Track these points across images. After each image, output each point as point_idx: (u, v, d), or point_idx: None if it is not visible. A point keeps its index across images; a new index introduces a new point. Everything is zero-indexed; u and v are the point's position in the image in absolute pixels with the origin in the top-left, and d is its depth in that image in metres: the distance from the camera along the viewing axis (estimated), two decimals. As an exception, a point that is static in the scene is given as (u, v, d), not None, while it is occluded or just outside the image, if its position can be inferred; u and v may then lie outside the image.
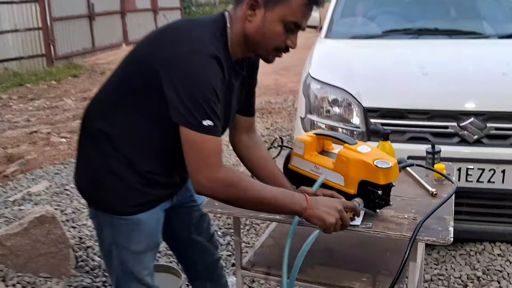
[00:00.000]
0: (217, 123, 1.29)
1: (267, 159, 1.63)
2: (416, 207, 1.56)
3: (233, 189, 1.31)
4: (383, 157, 1.45)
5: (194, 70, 1.27)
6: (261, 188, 1.34)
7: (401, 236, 1.39)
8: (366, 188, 1.45)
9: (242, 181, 1.32)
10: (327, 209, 1.33)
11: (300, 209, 1.33)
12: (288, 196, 1.35)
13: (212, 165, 1.29)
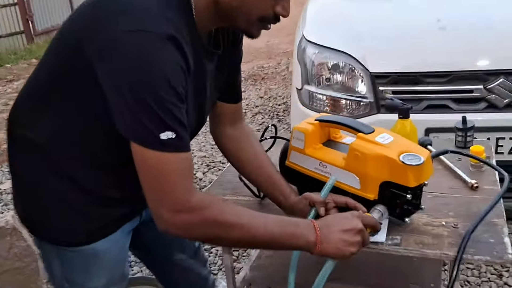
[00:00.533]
0: (182, 132, 0.91)
1: (257, 154, 1.26)
2: (454, 207, 1.20)
3: (212, 226, 0.94)
4: (411, 149, 1.08)
5: (140, 61, 0.87)
6: (252, 221, 0.97)
7: (442, 255, 1.04)
8: (390, 192, 1.09)
9: (224, 213, 0.95)
10: (344, 236, 0.97)
11: (307, 244, 0.97)
12: (288, 229, 0.98)
13: (178, 194, 0.92)
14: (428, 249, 1.05)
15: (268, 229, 0.96)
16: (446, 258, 1.04)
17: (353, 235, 0.97)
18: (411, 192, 1.07)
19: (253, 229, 0.95)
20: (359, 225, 0.98)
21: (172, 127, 0.89)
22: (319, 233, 0.96)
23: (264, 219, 0.97)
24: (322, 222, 0.99)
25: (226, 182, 1.43)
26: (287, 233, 0.96)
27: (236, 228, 0.95)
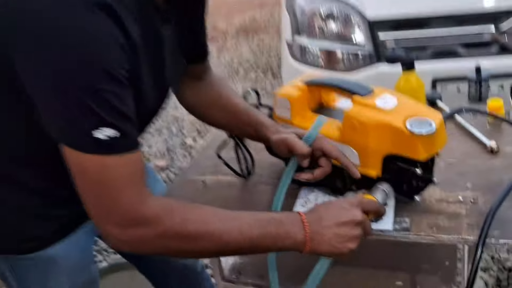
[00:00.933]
0: (127, 128, 0.71)
1: (230, 96, 1.07)
2: (472, 176, 1.01)
3: (173, 239, 0.75)
4: (419, 112, 0.88)
5: (64, 39, 0.66)
6: (223, 226, 0.77)
7: (461, 240, 0.86)
8: (396, 167, 0.90)
9: (187, 223, 0.75)
10: (340, 230, 0.78)
11: (295, 244, 0.79)
12: (270, 229, 0.77)
13: (127, 205, 0.73)
14: (444, 233, 0.87)
15: (245, 233, 0.77)
16: (465, 243, 0.86)
17: (351, 229, 0.79)
18: (421, 165, 0.88)
19: (226, 235, 0.76)
20: (358, 216, 0.79)
21: (112, 122, 0.69)
22: (308, 229, 0.78)
23: (238, 221, 0.78)
24: (313, 214, 0.81)
25: (206, 159, 1.24)
26: (269, 235, 0.78)
27: (205, 238, 0.76)
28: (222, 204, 1.06)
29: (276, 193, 0.93)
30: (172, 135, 3.12)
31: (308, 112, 1.02)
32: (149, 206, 0.74)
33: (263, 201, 1.05)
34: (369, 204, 0.83)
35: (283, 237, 0.78)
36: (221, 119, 1.07)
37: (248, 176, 1.14)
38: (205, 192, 1.11)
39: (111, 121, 0.69)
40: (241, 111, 1.04)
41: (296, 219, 0.79)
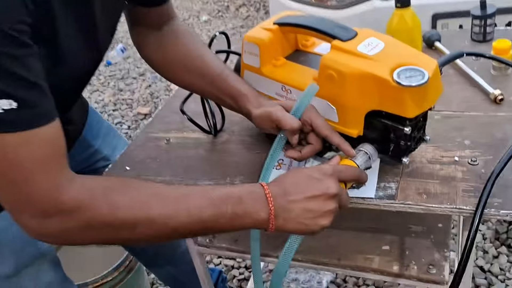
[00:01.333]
0: (32, 97, 0.58)
1: (201, 54, 0.89)
2: (471, 131, 0.88)
3: (102, 229, 0.63)
4: (410, 60, 0.73)
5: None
6: (166, 210, 0.64)
7: (455, 210, 0.74)
8: (380, 125, 0.76)
9: (118, 209, 0.63)
10: (310, 204, 0.66)
11: (257, 223, 0.67)
12: (225, 208, 0.65)
13: (41, 192, 0.60)
14: (435, 202, 0.75)
15: (194, 215, 0.64)
16: (460, 214, 0.74)
17: (323, 203, 0.66)
18: (410, 123, 0.74)
19: (171, 220, 0.63)
20: (331, 188, 0.66)
21: (7, 92, 0.55)
22: (273, 206, 0.65)
23: (185, 203, 0.65)
24: (278, 187, 0.67)
25: (172, 113, 1.11)
26: (224, 215, 0.65)
27: (143, 225, 0.63)
28: (187, 165, 0.93)
29: (261, 175, 0.79)
30: (156, 79, 2.95)
31: (280, 60, 0.87)
32: (67, 192, 0.61)
33: (234, 162, 0.92)
34: (346, 171, 0.70)
35: (241, 217, 0.65)
36: (192, 83, 0.91)
37: (217, 133, 1.00)
38: (169, 152, 0.98)
39: (7, 91, 0.55)
40: (216, 76, 0.86)
41: (258, 194, 0.66)
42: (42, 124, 0.59)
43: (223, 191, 0.67)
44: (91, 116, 1.10)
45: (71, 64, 0.69)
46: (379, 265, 0.98)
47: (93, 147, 1.10)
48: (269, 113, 0.78)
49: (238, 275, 1.74)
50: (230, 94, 0.84)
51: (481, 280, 1.52)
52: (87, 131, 1.08)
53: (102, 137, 1.13)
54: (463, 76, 1.04)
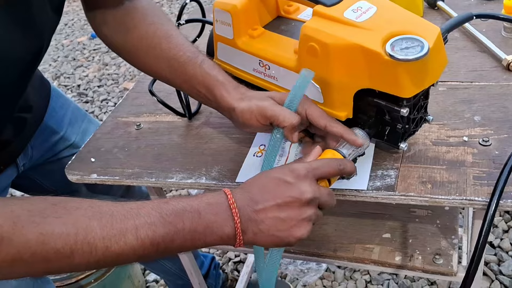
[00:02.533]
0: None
1: (168, 36, 0.76)
2: (481, 105, 0.76)
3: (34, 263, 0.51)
4: (406, 28, 0.60)
5: None
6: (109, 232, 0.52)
7: (465, 202, 0.63)
8: (372, 105, 0.65)
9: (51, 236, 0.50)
10: (282, 213, 0.55)
11: (222, 239, 0.56)
12: (181, 224, 0.54)
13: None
14: (442, 193, 0.63)
15: (144, 236, 0.53)
16: (471, 205, 0.63)
17: (297, 210, 0.55)
18: (407, 103, 0.62)
19: (117, 243, 0.52)
20: (306, 193, 0.55)
21: None
22: (238, 218, 0.54)
23: (132, 221, 0.53)
24: (243, 195, 0.56)
25: (144, 93, 0.99)
26: (180, 233, 0.54)
27: (81, 253, 0.51)
28: (159, 155, 0.82)
29: None
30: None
31: (258, 29, 0.74)
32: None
33: (210, 150, 0.81)
34: (323, 167, 0.58)
35: (202, 233, 0.54)
36: (158, 69, 0.77)
37: (192, 117, 0.89)
38: (139, 140, 0.87)
39: None
40: (188, 60, 0.72)
41: (220, 207, 0.55)
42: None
43: (179, 205, 0.55)
44: (53, 100, 0.98)
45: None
46: (380, 256, 0.88)
47: (58, 134, 0.98)
48: (263, 109, 0.64)
49: (234, 258, 1.66)
50: (204, 83, 0.70)
51: (490, 257, 1.43)
52: (50, 117, 0.96)
53: (69, 122, 1.01)
54: (470, 40, 0.91)
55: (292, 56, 0.67)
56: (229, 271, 1.60)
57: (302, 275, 1.51)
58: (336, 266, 1.52)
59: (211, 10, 0.79)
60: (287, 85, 0.69)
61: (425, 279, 1.43)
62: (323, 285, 1.48)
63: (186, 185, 0.77)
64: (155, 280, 1.65)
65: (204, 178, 0.76)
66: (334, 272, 1.50)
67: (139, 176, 0.80)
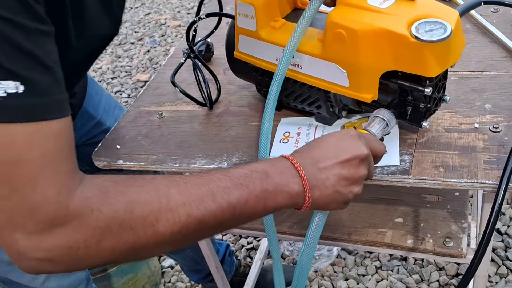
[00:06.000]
0: (42, 84, 0.48)
1: None
2: (492, 94, 0.79)
3: (118, 233, 0.50)
4: (428, 12, 0.64)
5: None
6: (189, 195, 0.53)
7: (476, 185, 0.67)
8: (397, 87, 0.69)
9: (136, 204, 0.51)
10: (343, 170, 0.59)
11: (292, 198, 0.58)
12: (254, 186, 0.56)
13: (47, 196, 0.48)
14: (454, 177, 0.67)
15: (219, 197, 0.54)
16: (482, 188, 0.67)
17: (356, 168, 0.60)
18: (431, 84, 0.66)
19: (196, 209, 0.53)
20: (363, 150, 0.60)
21: (12, 70, 0.45)
22: (304, 175, 0.58)
23: (207, 185, 0.54)
24: (303, 155, 0.60)
25: (164, 84, 1.03)
26: (252, 195, 0.56)
27: (165, 220, 0.52)
28: (181, 141, 0.86)
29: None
30: (155, 44, 2.85)
31: (279, 21, 0.78)
32: (79, 193, 0.50)
33: (230, 137, 0.85)
34: (370, 140, 0.63)
35: (273, 193, 0.57)
36: None
37: (212, 106, 0.92)
38: (161, 128, 0.91)
39: (9, 67, 0.45)
40: None
41: (284, 165, 0.58)
42: (53, 118, 0.49)
43: (245, 169, 0.57)
44: (90, 86, 1.04)
45: (92, 34, 0.63)
46: (392, 240, 0.92)
47: (95, 118, 1.04)
48: None
49: (247, 245, 1.71)
50: None
51: (497, 243, 1.46)
52: (88, 102, 1.02)
53: (103, 108, 1.07)
54: (481, 31, 0.94)
55: (316, 43, 0.71)
56: (242, 257, 1.65)
57: (313, 261, 1.55)
58: (347, 252, 1.56)
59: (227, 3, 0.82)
60: (312, 72, 0.73)
61: (434, 264, 1.46)
62: (334, 270, 1.53)
63: (208, 170, 0.81)
64: (170, 266, 1.69)
65: (226, 163, 0.80)
66: (345, 258, 1.55)
67: (163, 162, 0.84)
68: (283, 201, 0.58)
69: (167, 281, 1.66)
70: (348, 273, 1.50)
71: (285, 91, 0.81)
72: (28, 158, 0.47)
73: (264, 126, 0.72)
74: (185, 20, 2.93)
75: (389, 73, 0.67)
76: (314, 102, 0.79)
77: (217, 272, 1.19)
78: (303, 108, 0.82)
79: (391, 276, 1.46)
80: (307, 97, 0.79)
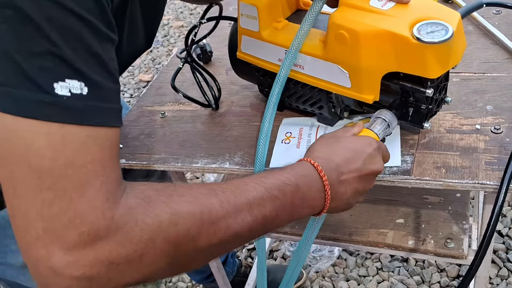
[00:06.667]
0: (105, 88, 0.47)
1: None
2: (494, 95, 0.79)
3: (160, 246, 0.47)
4: (430, 13, 0.64)
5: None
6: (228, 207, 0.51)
7: (477, 185, 0.67)
8: (398, 87, 0.69)
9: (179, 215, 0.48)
10: (360, 184, 0.62)
11: (313, 212, 0.61)
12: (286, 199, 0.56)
13: (92, 205, 0.45)
14: (456, 178, 0.67)
15: (256, 211, 0.53)
16: (483, 189, 0.67)
17: (369, 182, 0.63)
18: (432, 85, 0.66)
19: (234, 222, 0.51)
20: (380, 167, 0.63)
21: (81, 70, 0.44)
22: (329, 189, 0.59)
23: (244, 196, 0.52)
24: (329, 163, 0.60)
25: (166, 84, 1.03)
26: (283, 208, 0.56)
27: (206, 233, 0.49)
28: (184, 141, 0.87)
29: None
30: (157, 44, 2.85)
31: (282, 21, 0.78)
32: (123, 203, 0.47)
33: (232, 137, 0.85)
34: (384, 148, 0.66)
35: (299, 206, 0.57)
36: None
37: (218, 106, 0.93)
38: (164, 127, 0.92)
39: (79, 67, 0.44)
40: None
41: (312, 178, 0.58)
42: (111, 125, 0.47)
43: (279, 179, 0.56)
44: None
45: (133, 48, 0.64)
46: (393, 240, 0.92)
47: None
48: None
49: (248, 245, 1.71)
50: None
51: (499, 245, 1.46)
52: None
53: None
54: (482, 33, 0.95)
55: (318, 44, 0.71)
56: (243, 258, 1.65)
57: (314, 262, 1.55)
58: (348, 253, 1.57)
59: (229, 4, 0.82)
60: (314, 73, 0.73)
61: (435, 266, 1.47)
62: (335, 271, 1.53)
63: (210, 169, 0.81)
64: (172, 266, 1.70)
65: (228, 163, 0.80)
66: (346, 259, 1.55)
67: (166, 161, 0.84)
68: (307, 212, 0.60)
69: (168, 280, 1.66)
70: (349, 274, 1.51)
71: (287, 91, 0.81)
72: (80, 162, 0.44)
73: (264, 126, 0.73)
74: (187, 21, 2.94)
75: (390, 74, 0.67)
76: (316, 103, 0.80)
77: (218, 272, 1.19)
78: (305, 109, 0.83)
79: (392, 277, 1.46)
80: (309, 97, 0.80)
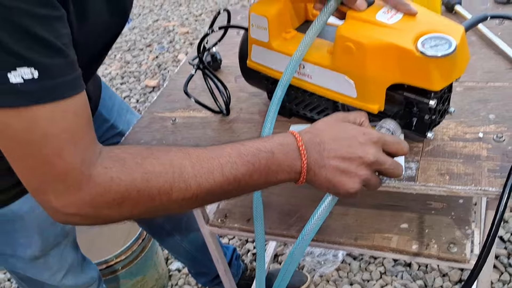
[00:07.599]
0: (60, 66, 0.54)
1: None
2: (496, 105, 0.82)
3: (137, 199, 0.59)
4: (434, 27, 0.67)
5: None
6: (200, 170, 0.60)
7: (480, 192, 0.69)
8: (402, 98, 0.71)
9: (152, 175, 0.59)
10: (342, 164, 0.63)
11: (290, 178, 0.65)
12: (259, 164, 0.62)
13: (67, 167, 0.56)
14: (459, 184, 0.70)
15: (228, 174, 0.61)
16: (485, 195, 0.69)
17: (355, 166, 0.64)
18: (435, 95, 0.69)
19: (205, 182, 0.60)
20: (369, 155, 0.63)
21: (28, 57, 0.51)
22: (306, 159, 0.63)
23: (217, 161, 0.61)
24: (313, 137, 0.64)
25: (177, 90, 1.06)
26: (257, 171, 0.62)
27: (178, 189, 0.59)
28: (195, 145, 0.89)
29: None
30: (163, 50, 2.89)
31: (291, 32, 0.81)
32: (99, 164, 0.57)
33: (241, 142, 0.88)
34: (394, 143, 0.65)
35: (275, 171, 0.63)
36: None
37: (226, 112, 0.95)
38: (175, 133, 0.94)
39: (25, 55, 0.50)
40: None
41: (290, 147, 0.63)
42: (68, 96, 0.55)
43: (255, 145, 0.63)
44: (103, 91, 1.08)
45: (95, 26, 0.66)
46: (398, 245, 0.94)
47: (109, 122, 1.08)
48: None
49: (253, 249, 1.73)
50: None
51: (500, 250, 1.48)
52: (102, 106, 1.06)
53: (117, 112, 1.11)
54: (486, 43, 0.97)
55: (326, 55, 0.74)
56: (248, 261, 1.68)
57: (319, 266, 1.58)
58: (352, 258, 1.59)
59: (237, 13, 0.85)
60: (321, 83, 0.76)
61: (438, 270, 1.49)
62: (339, 275, 1.55)
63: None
64: (178, 269, 1.72)
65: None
66: (350, 263, 1.57)
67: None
68: (283, 177, 0.64)
69: (174, 283, 1.68)
70: (353, 278, 1.53)
71: (295, 99, 0.84)
72: (52, 133, 0.54)
73: (266, 127, 0.75)
74: (192, 27, 2.97)
75: (395, 85, 0.70)
76: (323, 111, 0.82)
77: (225, 275, 1.21)
78: (312, 117, 0.85)
79: (395, 282, 1.48)
80: (316, 106, 0.82)
